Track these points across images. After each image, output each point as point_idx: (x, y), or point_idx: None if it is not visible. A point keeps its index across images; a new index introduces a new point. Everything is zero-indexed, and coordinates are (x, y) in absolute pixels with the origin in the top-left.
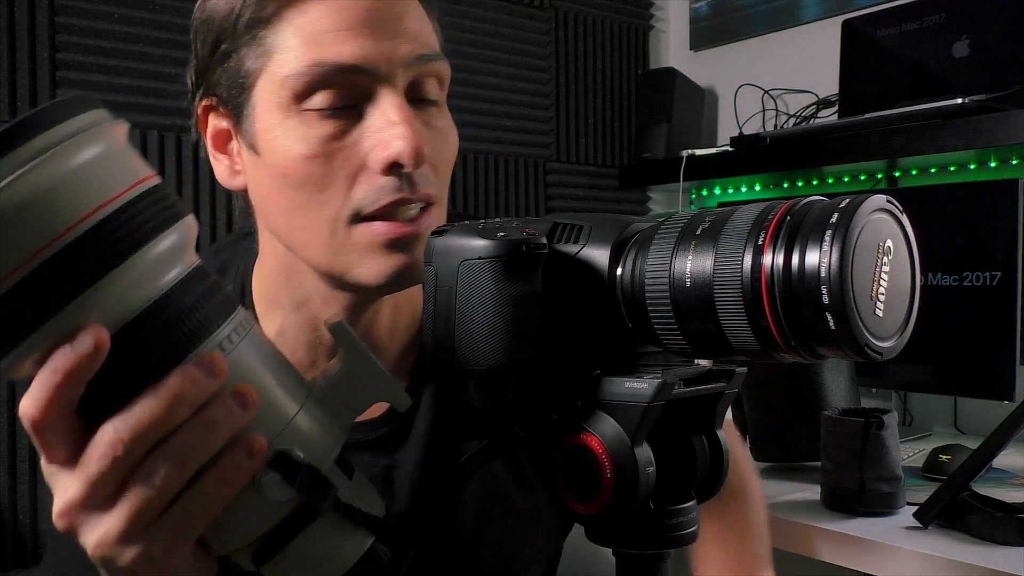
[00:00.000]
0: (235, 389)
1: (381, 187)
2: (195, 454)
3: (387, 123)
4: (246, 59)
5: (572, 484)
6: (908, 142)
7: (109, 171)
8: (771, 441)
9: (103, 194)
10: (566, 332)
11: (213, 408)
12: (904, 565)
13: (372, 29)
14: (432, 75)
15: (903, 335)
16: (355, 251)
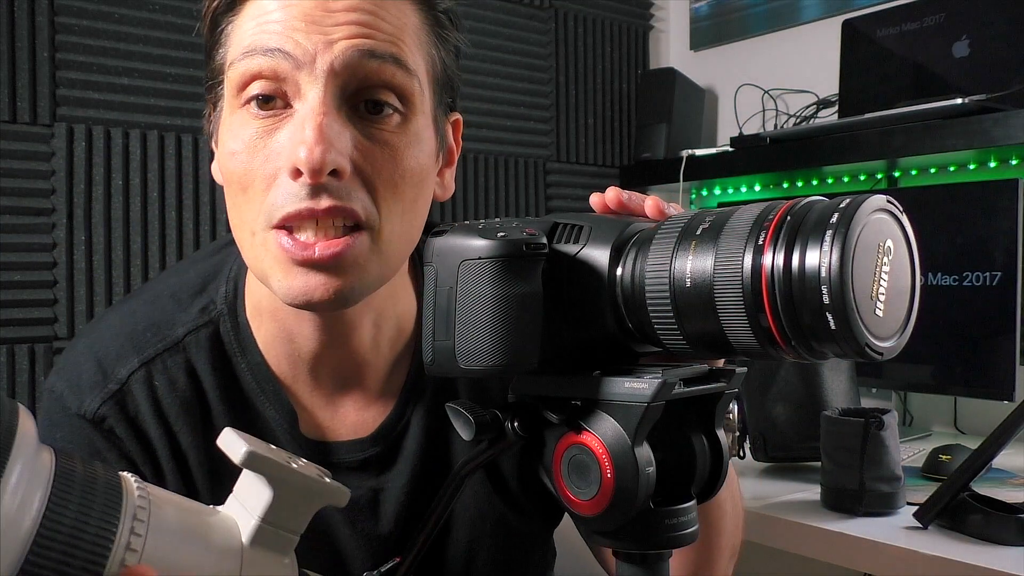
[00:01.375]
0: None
1: (290, 193)
2: None
3: (300, 126)
4: (217, 51)
5: (572, 484)
6: (908, 142)
7: None
8: (771, 441)
9: None
10: (566, 332)
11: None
12: (904, 565)
13: (310, 21)
14: (384, 79)
15: (903, 335)
16: (267, 259)
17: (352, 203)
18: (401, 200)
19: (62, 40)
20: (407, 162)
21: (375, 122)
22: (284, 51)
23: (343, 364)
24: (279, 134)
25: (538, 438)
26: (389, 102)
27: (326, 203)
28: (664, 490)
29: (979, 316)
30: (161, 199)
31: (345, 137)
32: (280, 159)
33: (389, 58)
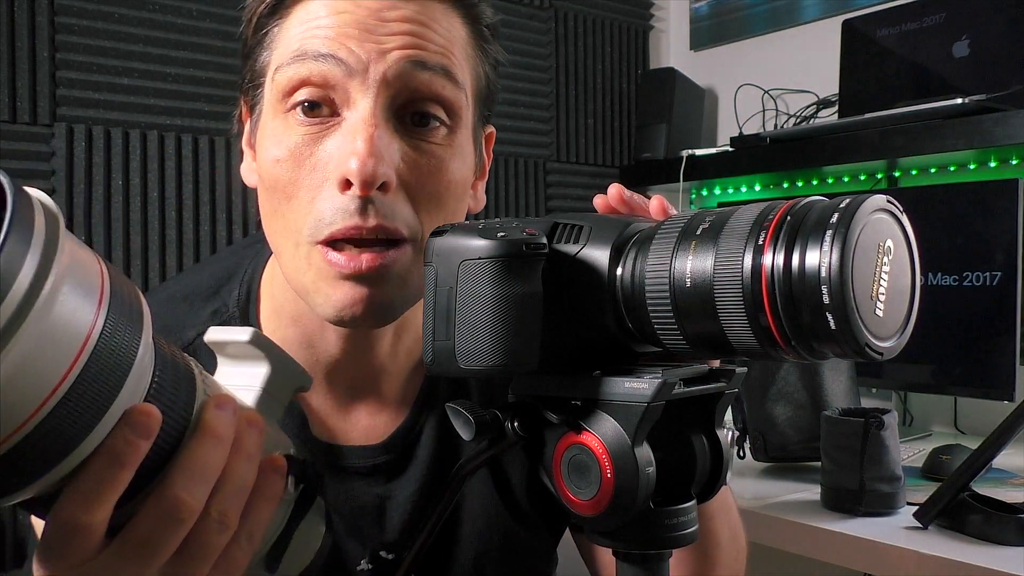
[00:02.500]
0: (246, 418)
1: (338, 208)
2: (247, 485)
3: (350, 136)
4: (260, 53)
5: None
6: (908, 142)
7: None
8: (771, 441)
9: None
10: (566, 332)
11: (244, 440)
12: (904, 565)
13: (364, 30)
14: (433, 92)
15: (903, 335)
16: (311, 273)
17: (396, 222)
18: (443, 213)
19: (62, 40)
20: (451, 175)
21: (421, 134)
22: (337, 57)
23: (360, 371)
24: (326, 142)
25: (538, 438)
26: (437, 115)
27: (373, 222)
28: (664, 490)
29: (979, 316)
30: (161, 199)
31: (394, 149)
32: (327, 169)
33: (440, 70)
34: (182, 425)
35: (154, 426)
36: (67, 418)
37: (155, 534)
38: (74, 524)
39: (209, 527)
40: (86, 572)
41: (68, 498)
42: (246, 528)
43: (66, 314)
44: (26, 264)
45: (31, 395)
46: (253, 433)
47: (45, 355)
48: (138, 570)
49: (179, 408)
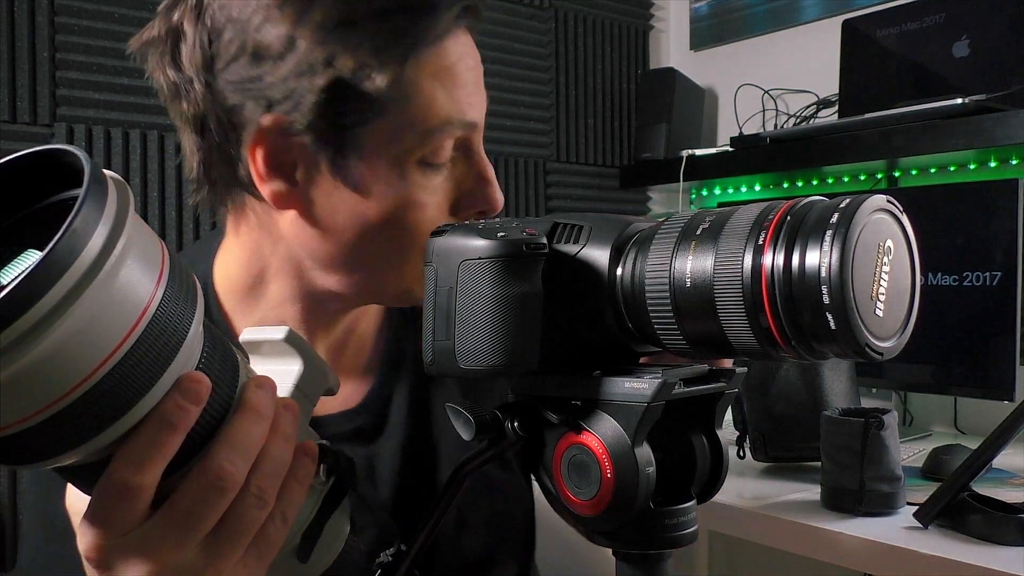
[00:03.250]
0: (283, 402)
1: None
2: (284, 466)
3: (480, 176)
4: (364, 93)
5: (572, 484)
6: (908, 142)
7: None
8: (771, 441)
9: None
10: (566, 332)
11: (282, 421)
12: (904, 565)
13: (477, 86)
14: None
15: (903, 335)
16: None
17: None
18: None
19: (62, 40)
20: None
21: None
22: (476, 123)
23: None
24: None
25: (538, 438)
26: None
27: None
28: (664, 490)
29: (979, 316)
30: (161, 199)
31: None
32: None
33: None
34: (227, 401)
35: (204, 392)
36: (123, 380)
37: (198, 504)
38: (124, 486)
39: (248, 501)
40: (130, 542)
41: (120, 459)
42: (280, 508)
43: (130, 282)
44: (98, 231)
45: (91, 355)
46: (290, 417)
47: (107, 318)
48: (180, 540)
49: (225, 383)
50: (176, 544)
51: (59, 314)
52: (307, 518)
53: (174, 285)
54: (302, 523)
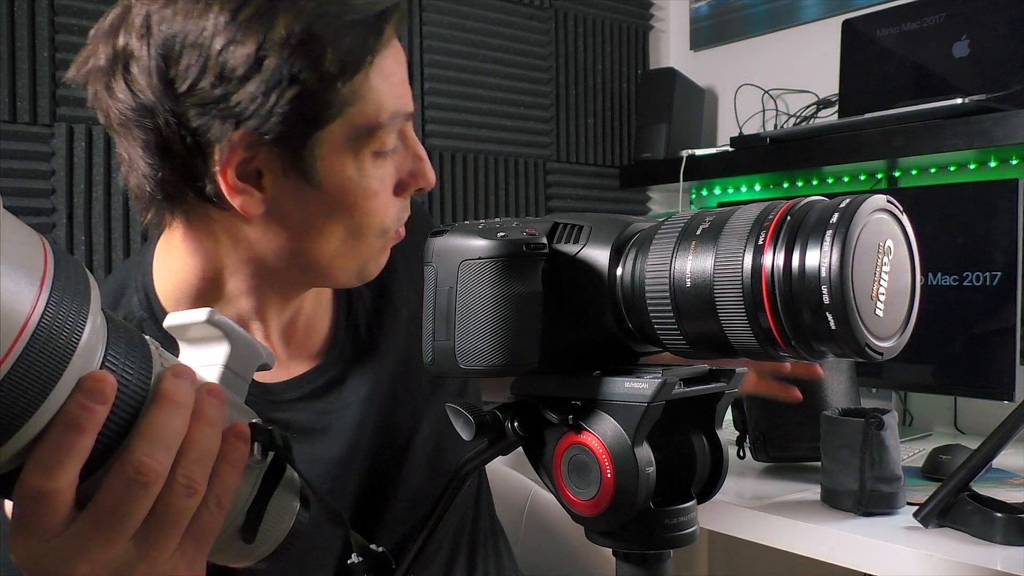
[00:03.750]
0: (206, 387)
1: (404, 206)
2: (211, 451)
3: (415, 157)
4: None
5: (572, 484)
6: (908, 142)
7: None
8: (771, 441)
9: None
10: (566, 332)
11: (205, 407)
12: (904, 565)
13: (406, 78)
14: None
15: (903, 335)
16: (375, 253)
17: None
18: None
19: (62, 40)
20: None
21: None
22: (412, 114)
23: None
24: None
25: (538, 438)
26: None
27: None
28: (664, 490)
29: (979, 316)
30: None
31: None
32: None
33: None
34: (140, 395)
35: (109, 391)
36: (16, 390)
37: (122, 501)
38: (39, 492)
39: (176, 491)
40: (58, 545)
41: (31, 466)
42: (214, 493)
43: (6, 292)
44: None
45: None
46: (214, 402)
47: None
48: (108, 538)
49: (135, 378)
50: (105, 542)
51: None
52: (247, 498)
53: (61, 284)
54: (243, 504)
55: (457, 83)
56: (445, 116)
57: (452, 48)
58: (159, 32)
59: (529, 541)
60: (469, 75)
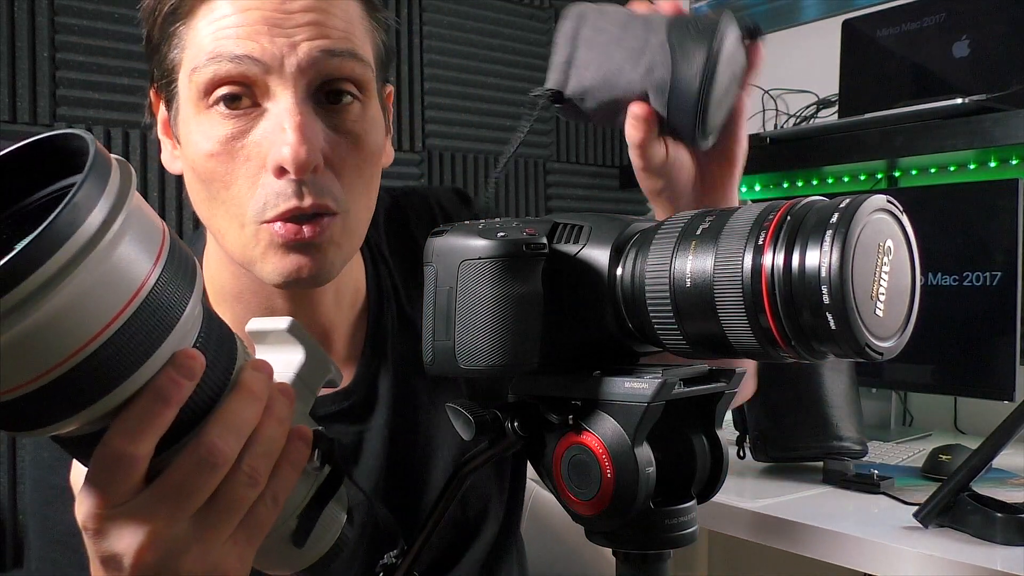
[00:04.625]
0: (279, 386)
1: (277, 192)
2: (276, 447)
3: (278, 126)
4: (169, 51)
5: (572, 484)
6: (908, 142)
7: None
8: (771, 441)
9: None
10: (566, 332)
11: (276, 404)
12: (904, 565)
13: (272, 25)
14: (344, 74)
15: (903, 335)
16: (259, 247)
17: (328, 199)
18: (364, 180)
19: (62, 40)
20: (369, 147)
21: (337, 112)
22: (252, 57)
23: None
24: (254, 133)
25: (538, 438)
26: (350, 91)
27: (309, 201)
28: (664, 490)
29: (979, 316)
30: (161, 199)
31: (318, 132)
32: (260, 157)
33: (347, 54)
34: (223, 381)
35: (198, 369)
36: (118, 352)
37: (190, 479)
38: (119, 455)
39: (239, 479)
40: (124, 512)
41: (116, 429)
42: (272, 489)
43: (126, 259)
44: (98, 207)
45: (85, 327)
46: (284, 400)
47: (102, 292)
48: (172, 513)
49: (221, 364)
50: (168, 517)
51: (57, 283)
52: (300, 503)
53: (172, 265)
54: (295, 507)
55: (457, 83)
56: (445, 116)
57: (452, 48)
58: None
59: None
60: (469, 75)
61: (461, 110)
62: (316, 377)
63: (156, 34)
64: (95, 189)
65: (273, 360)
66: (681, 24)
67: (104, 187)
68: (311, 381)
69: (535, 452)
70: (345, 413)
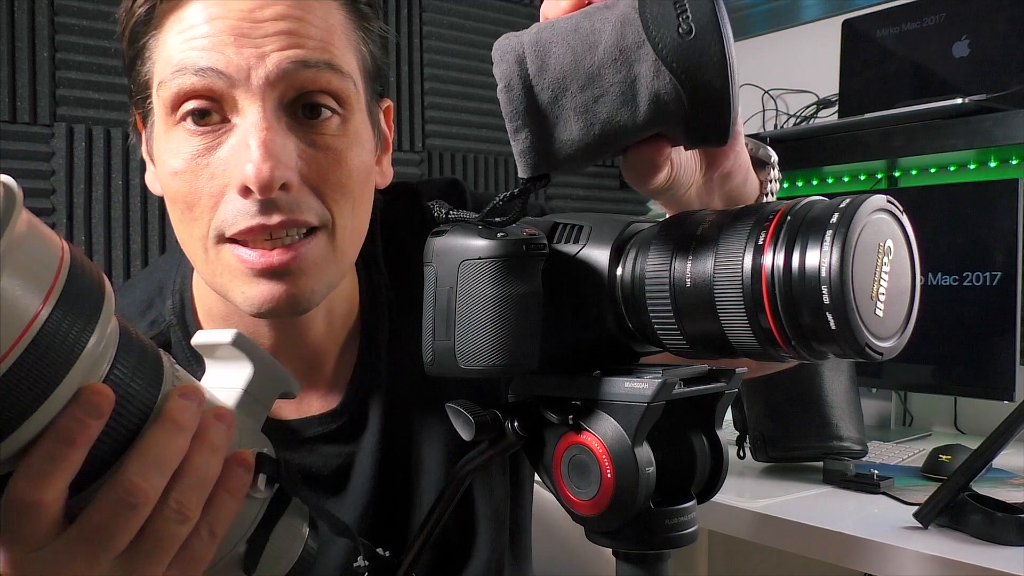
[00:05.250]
0: (214, 411)
1: (240, 210)
2: (209, 478)
3: (243, 142)
4: (142, 65)
5: (572, 484)
6: (908, 142)
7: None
8: (771, 441)
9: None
10: (566, 332)
11: (209, 432)
12: (904, 565)
13: (239, 35)
14: (320, 86)
15: (903, 335)
16: (226, 273)
17: (303, 214)
18: (350, 199)
19: (62, 40)
20: (351, 163)
21: (315, 127)
22: (216, 70)
23: (301, 357)
24: (221, 150)
25: (538, 438)
26: (327, 105)
27: (277, 219)
28: (664, 490)
29: (979, 316)
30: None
31: (289, 149)
32: (225, 176)
33: (323, 65)
34: (143, 412)
35: (105, 406)
36: (7, 397)
37: (110, 520)
38: (26, 502)
39: (167, 517)
40: (41, 557)
41: (19, 475)
42: (207, 521)
43: (8, 298)
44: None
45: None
46: (220, 427)
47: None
48: (93, 557)
49: (140, 395)
50: (89, 561)
51: None
52: (248, 528)
53: (69, 298)
54: (243, 533)
55: (457, 83)
56: (445, 116)
57: (452, 48)
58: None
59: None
60: (469, 75)
61: (461, 110)
62: (268, 391)
63: (128, 48)
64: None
65: (221, 375)
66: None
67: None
68: (262, 395)
69: (535, 452)
70: (334, 435)
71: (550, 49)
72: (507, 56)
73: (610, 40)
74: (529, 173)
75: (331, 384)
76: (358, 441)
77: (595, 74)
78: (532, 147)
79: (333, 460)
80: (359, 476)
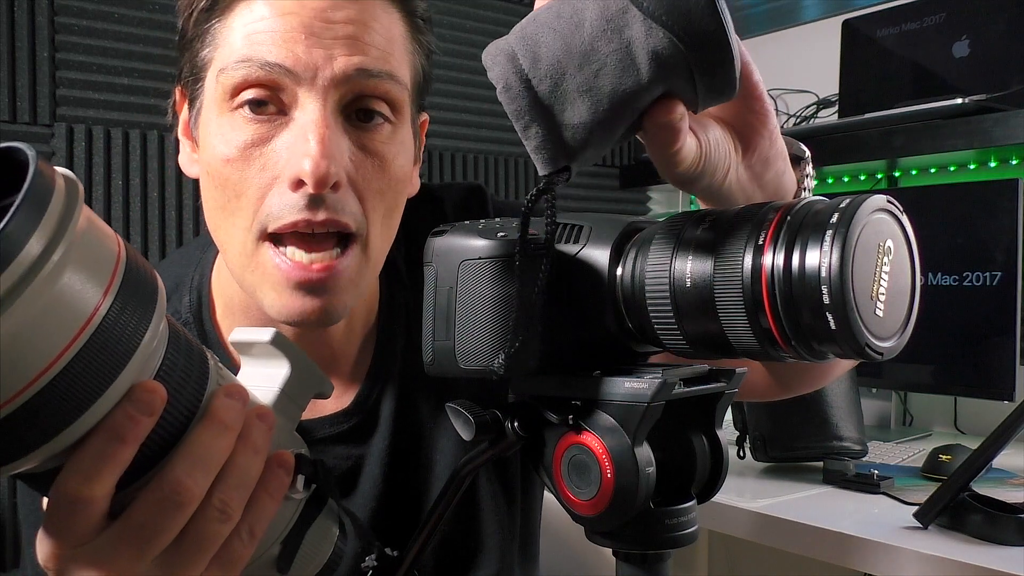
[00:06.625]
0: (256, 411)
1: (287, 204)
2: (252, 478)
3: (302, 137)
4: (201, 48)
5: (572, 484)
6: (908, 142)
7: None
8: (771, 441)
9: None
10: (566, 332)
11: (252, 432)
12: (904, 565)
13: (310, 34)
14: (378, 94)
15: (903, 335)
16: (261, 276)
17: (345, 216)
18: (386, 206)
19: (62, 40)
20: (395, 171)
21: (366, 131)
22: (284, 66)
23: (319, 357)
24: (276, 142)
25: (538, 438)
26: (381, 112)
27: (322, 216)
28: (664, 490)
29: (979, 316)
30: (161, 199)
31: (343, 149)
32: (278, 168)
33: (384, 75)
34: (190, 411)
35: (158, 403)
36: (66, 391)
37: (154, 518)
38: (75, 497)
39: (210, 516)
40: (86, 553)
41: (69, 470)
42: (247, 521)
43: (70, 291)
44: (34, 237)
45: (28, 366)
46: (262, 427)
47: (45, 328)
48: (136, 554)
49: (188, 393)
50: (132, 558)
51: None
52: (284, 529)
53: (127, 291)
54: (279, 534)
55: (457, 83)
56: (445, 116)
57: (452, 48)
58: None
59: None
60: (469, 75)
61: (461, 110)
62: (303, 391)
63: (190, 29)
64: (31, 217)
65: (257, 374)
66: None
67: (42, 214)
68: (297, 396)
69: (535, 452)
70: (344, 436)
71: (538, 40)
72: (498, 58)
73: (594, 14)
74: (548, 168)
75: (346, 385)
76: (368, 443)
77: (588, 50)
78: (546, 141)
79: (343, 461)
80: (368, 477)
